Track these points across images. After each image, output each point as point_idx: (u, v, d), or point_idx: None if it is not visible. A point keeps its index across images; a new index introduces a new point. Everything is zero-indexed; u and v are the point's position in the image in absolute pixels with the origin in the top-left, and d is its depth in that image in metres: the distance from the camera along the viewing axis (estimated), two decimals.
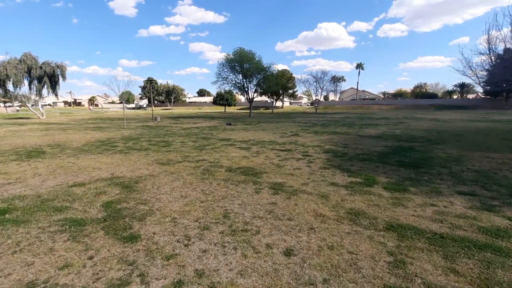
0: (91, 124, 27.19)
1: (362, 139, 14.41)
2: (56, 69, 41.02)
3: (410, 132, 17.91)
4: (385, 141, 13.59)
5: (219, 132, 18.76)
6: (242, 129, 20.68)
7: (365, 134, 16.65)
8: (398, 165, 8.25)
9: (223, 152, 10.62)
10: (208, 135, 16.93)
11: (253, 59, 38.38)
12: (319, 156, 9.85)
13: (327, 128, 20.79)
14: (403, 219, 4.37)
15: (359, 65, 74.95)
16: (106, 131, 19.99)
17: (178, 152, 10.55)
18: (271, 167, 8.07)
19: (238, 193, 5.62)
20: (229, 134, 17.12)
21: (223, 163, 8.52)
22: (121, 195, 5.50)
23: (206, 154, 10.22)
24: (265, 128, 21.26)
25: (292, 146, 12.05)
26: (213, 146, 12.21)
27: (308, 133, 17.72)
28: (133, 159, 9.25)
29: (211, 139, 14.81)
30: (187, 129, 20.97)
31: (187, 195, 5.53)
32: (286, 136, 16.17)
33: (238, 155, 10.02)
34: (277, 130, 19.58)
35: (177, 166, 8.11)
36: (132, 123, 28.66)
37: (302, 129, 20.15)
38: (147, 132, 18.78)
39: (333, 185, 6.20)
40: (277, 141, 13.76)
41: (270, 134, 17.36)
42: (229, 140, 14.12)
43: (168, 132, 19.01)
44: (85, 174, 7.29)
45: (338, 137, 15.59)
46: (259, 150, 11.10)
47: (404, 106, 66.80)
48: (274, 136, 15.96)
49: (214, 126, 24.22)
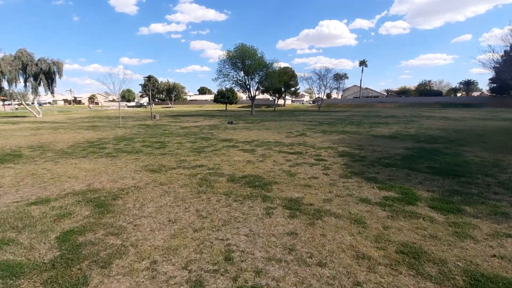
0: (86, 123, 25.87)
1: (377, 140, 13.03)
2: (52, 66, 39.66)
3: (425, 131, 16.51)
4: (402, 142, 12.20)
5: (220, 131, 17.41)
6: (244, 128, 19.31)
7: (378, 134, 15.26)
8: (431, 173, 6.88)
9: (225, 155, 9.27)
10: (208, 135, 15.57)
11: (255, 55, 36.85)
12: (335, 160, 8.48)
13: (335, 127, 19.40)
14: (484, 264, 3.01)
15: (362, 62, 73.11)
16: (99, 130, 18.66)
17: (173, 156, 9.19)
18: (282, 175, 6.70)
19: (244, 216, 4.27)
20: (231, 134, 15.77)
21: (224, 170, 7.16)
22: (89, 219, 4.15)
23: (205, 158, 8.86)
24: (269, 127, 19.88)
25: (301, 148, 10.68)
26: (213, 148, 10.86)
27: (316, 132, 16.34)
28: (120, 165, 7.90)
29: (211, 139, 13.46)
30: (186, 128, 19.61)
31: (177, 219, 4.17)
32: (292, 136, 14.80)
33: (241, 159, 8.66)
34: (282, 129, 18.21)
35: (170, 174, 6.76)
36: (129, 122, 27.33)
37: (309, 128, 18.77)
38: (143, 132, 17.44)
39: (364, 203, 4.84)
40: (284, 142, 12.39)
41: (274, 133, 15.99)
42: (231, 141, 12.77)
43: (165, 131, 17.66)
44: (55, 185, 5.95)
45: (350, 137, 14.21)
46: (265, 152, 9.73)
47: (408, 104, 65.19)
48: (280, 136, 14.59)
49: (215, 125, 22.86)
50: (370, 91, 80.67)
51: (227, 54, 37.22)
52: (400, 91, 79.46)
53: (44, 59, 39.51)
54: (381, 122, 23.28)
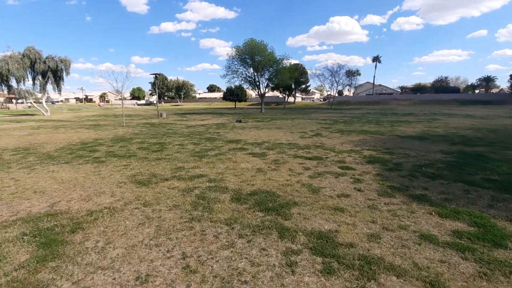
0: (90, 122, 24.88)
1: (405, 141, 11.33)
2: (60, 63, 39.01)
3: (455, 131, 14.65)
4: (435, 144, 10.47)
5: (227, 131, 15.97)
6: (253, 127, 17.82)
7: (404, 134, 13.51)
8: (496, 189, 5.23)
9: (230, 161, 7.80)
10: (214, 135, 14.15)
11: (264, 51, 35.10)
12: (364, 168, 6.89)
13: (352, 126, 17.69)
14: None
15: (376, 58, 70.01)
16: (100, 129, 17.50)
17: (169, 161, 7.78)
18: (302, 191, 5.18)
19: (252, 269, 2.78)
20: (239, 134, 14.30)
21: (228, 183, 5.69)
22: (18, 272, 2.73)
23: (206, 164, 7.41)
24: (280, 126, 18.32)
25: (320, 152, 9.11)
26: (218, 151, 9.41)
27: (333, 132, 14.70)
28: (104, 174, 6.53)
29: (217, 140, 12.02)
30: (192, 127, 18.25)
31: (150, 274, 2.71)
32: (307, 136, 13.21)
33: (250, 166, 7.17)
34: (295, 129, 16.63)
35: (159, 189, 5.33)
36: (135, 120, 26.22)
37: (324, 128, 17.12)
38: (145, 131, 16.17)
39: (430, 242, 3.28)
40: (298, 144, 10.84)
41: (287, 133, 14.44)
42: (239, 142, 11.30)
43: (169, 131, 16.33)
44: (11, 205, 4.59)
45: (372, 138, 12.53)
46: (278, 157, 8.21)
47: (424, 101, 62.25)
48: (293, 137, 13.03)
49: (223, 123, 21.44)
50: (384, 87, 77.52)
51: (236, 49, 35.65)
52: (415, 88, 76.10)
53: (51, 56, 38.89)
54: (402, 121, 21.39)
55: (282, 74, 36.43)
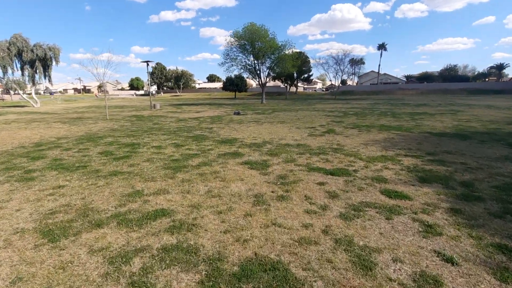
0: (75, 114, 22.34)
1: (444, 141, 8.73)
2: (48, 51, 36.15)
3: (496, 126, 12.00)
4: (488, 146, 7.86)
5: (222, 126, 13.39)
6: (253, 121, 15.22)
7: (435, 131, 10.89)
8: None
9: (216, 177, 5.27)
10: (206, 131, 11.59)
11: (265, 37, 31.96)
12: (423, 195, 4.35)
13: (367, 120, 15.04)
14: None
15: (382, 46, 65.91)
16: (78, 124, 14.97)
17: (127, 179, 5.26)
18: (340, 265, 2.67)
19: None
20: (235, 130, 11.73)
21: (203, 237, 3.16)
22: None
23: (179, 186, 4.89)
24: (284, 119, 15.70)
25: (342, 160, 6.55)
26: (204, 158, 6.87)
27: (347, 128, 12.08)
28: (7, 208, 4.04)
29: (207, 139, 9.47)
30: (182, 121, 15.67)
31: None
32: (317, 133, 10.62)
33: (244, 189, 4.65)
34: (301, 123, 14.02)
35: (72, 253, 2.83)
36: (124, 112, 23.65)
37: (335, 122, 14.49)
38: (127, 126, 13.62)
39: None
40: (309, 146, 8.28)
41: (292, 129, 11.84)
42: (233, 143, 8.74)
43: (154, 126, 13.78)
44: None
45: (400, 136, 9.94)
46: (286, 171, 5.67)
47: (431, 91, 58.92)
48: (301, 134, 10.46)
49: (219, 116, 18.83)
50: (389, 76, 73.74)
51: (234, 35, 32.50)
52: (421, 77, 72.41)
53: (39, 44, 35.97)
54: (420, 113, 18.68)
55: (284, 61, 33.37)
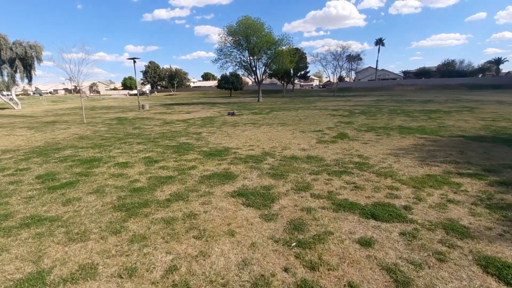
0: (51, 117, 20.11)
1: (489, 148, 6.78)
2: (29, 50, 33.60)
3: None
4: None
5: (213, 130, 11.32)
6: (249, 123, 13.18)
7: (468, 134, 8.95)
8: None
9: (191, 227, 3.23)
10: (192, 138, 9.52)
11: (261, 31, 29.85)
12: None
13: (379, 120, 13.07)
14: None
15: (380, 41, 63.91)
16: (44, 130, 12.79)
17: (35, 241, 3.20)
18: None
19: None
20: (228, 135, 9.68)
21: None
22: None
23: (120, 256, 2.83)
24: (284, 121, 13.67)
25: (374, 182, 4.53)
26: (180, 183, 4.82)
27: (361, 131, 10.08)
28: None
29: (192, 150, 7.42)
30: (168, 125, 13.56)
31: None
32: (327, 138, 8.61)
33: (234, 261, 2.61)
34: (305, 125, 12.01)
35: None
36: (109, 114, 21.45)
37: (343, 122, 12.49)
38: (100, 132, 11.49)
39: None
40: (323, 158, 6.28)
41: (296, 133, 9.83)
42: (224, 155, 6.70)
43: (133, 131, 11.67)
44: None
45: (430, 142, 7.97)
46: (301, 210, 3.65)
47: (430, 86, 57.29)
48: (307, 140, 8.44)
49: (211, 117, 16.74)
50: (387, 72, 71.85)
51: (228, 29, 30.27)
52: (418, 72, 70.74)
53: (19, 42, 33.38)
54: (433, 110, 16.78)
55: (281, 57, 31.26)
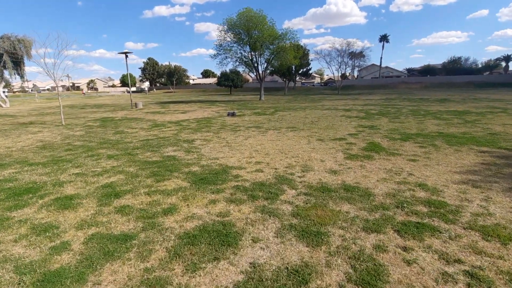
0: (33, 117, 17.93)
1: None
2: (18, 44, 31.25)
3: None
4: None
5: (209, 136, 9.13)
6: (252, 126, 11.00)
7: None
8: None
9: None
10: (182, 148, 7.33)
11: (264, 24, 27.56)
12: None
13: (406, 123, 10.88)
14: None
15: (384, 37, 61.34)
16: (10, 134, 10.62)
17: None
18: None
19: None
20: (227, 145, 7.49)
21: None
22: None
23: None
24: (294, 124, 11.47)
25: (489, 254, 2.40)
26: (138, 256, 2.66)
27: (394, 139, 7.89)
28: None
29: (176, 171, 5.25)
30: (157, 128, 11.38)
31: None
32: (357, 151, 6.41)
33: None
34: (320, 129, 9.80)
35: None
36: (96, 113, 19.22)
37: (364, 127, 10.29)
38: (72, 139, 9.32)
39: None
40: (368, 189, 4.11)
41: (314, 142, 7.63)
42: (220, 181, 4.53)
43: (111, 138, 9.48)
44: None
45: (503, 159, 5.81)
46: None
47: (436, 84, 54.97)
48: (332, 154, 6.25)
49: (208, 118, 14.55)
50: (390, 70, 69.39)
51: (228, 22, 27.90)
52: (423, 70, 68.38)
53: (7, 36, 30.98)
54: (460, 112, 14.58)
55: (285, 53, 28.94)
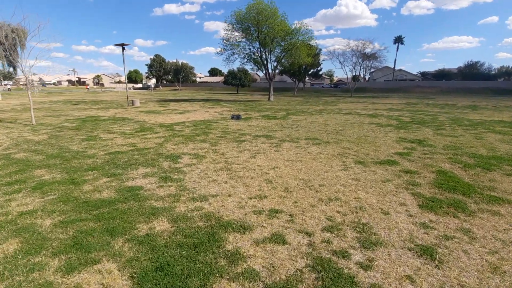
0: (10, 113, 15.59)
1: None
2: (11, 34, 29.00)
3: None
4: None
5: (204, 148, 6.52)
6: (262, 135, 8.37)
7: None
8: None
9: None
10: (157, 174, 4.75)
11: (275, 17, 24.87)
12: None
13: (462, 137, 8.12)
14: None
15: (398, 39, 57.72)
16: None
17: None
18: None
19: None
20: (226, 169, 4.88)
21: None
22: None
23: None
24: (314, 133, 8.78)
25: None
26: None
27: (472, 167, 5.18)
28: None
29: (118, 240, 2.68)
30: (142, 133, 8.81)
31: None
32: (432, 193, 3.72)
33: None
34: (351, 143, 7.12)
35: None
36: (86, 111, 16.81)
37: (412, 142, 7.56)
38: (15, 149, 6.82)
39: None
40: None
41: (352, 168, 4.96)
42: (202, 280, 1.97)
43: (69, 150, 6.95)
44: None
45: None
46: None
47: (451, 89, 51.57)
48: (392, 195, 3.57)
49: (209, 121, 11.96)
50: (404, 73, 65.90)
51: (236, 15, 25.26)
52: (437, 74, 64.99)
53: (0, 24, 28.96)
54: (510, 122, 11.74)
55: (297, 49, 26.16)
